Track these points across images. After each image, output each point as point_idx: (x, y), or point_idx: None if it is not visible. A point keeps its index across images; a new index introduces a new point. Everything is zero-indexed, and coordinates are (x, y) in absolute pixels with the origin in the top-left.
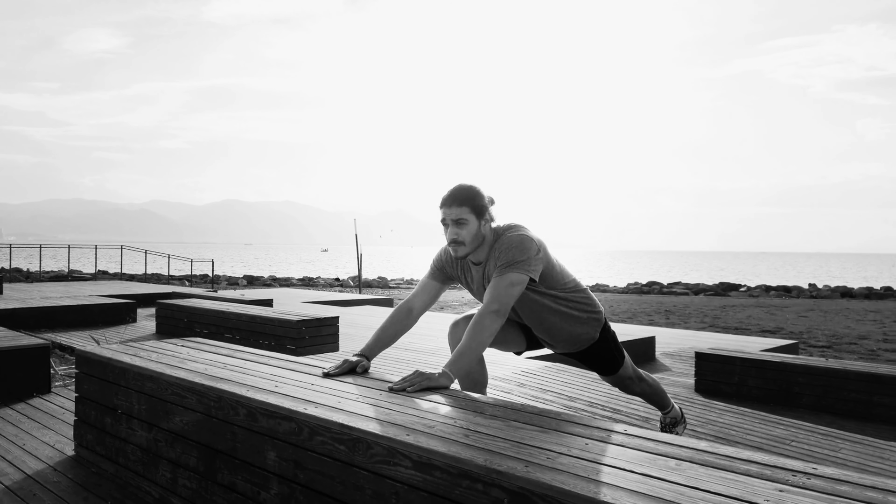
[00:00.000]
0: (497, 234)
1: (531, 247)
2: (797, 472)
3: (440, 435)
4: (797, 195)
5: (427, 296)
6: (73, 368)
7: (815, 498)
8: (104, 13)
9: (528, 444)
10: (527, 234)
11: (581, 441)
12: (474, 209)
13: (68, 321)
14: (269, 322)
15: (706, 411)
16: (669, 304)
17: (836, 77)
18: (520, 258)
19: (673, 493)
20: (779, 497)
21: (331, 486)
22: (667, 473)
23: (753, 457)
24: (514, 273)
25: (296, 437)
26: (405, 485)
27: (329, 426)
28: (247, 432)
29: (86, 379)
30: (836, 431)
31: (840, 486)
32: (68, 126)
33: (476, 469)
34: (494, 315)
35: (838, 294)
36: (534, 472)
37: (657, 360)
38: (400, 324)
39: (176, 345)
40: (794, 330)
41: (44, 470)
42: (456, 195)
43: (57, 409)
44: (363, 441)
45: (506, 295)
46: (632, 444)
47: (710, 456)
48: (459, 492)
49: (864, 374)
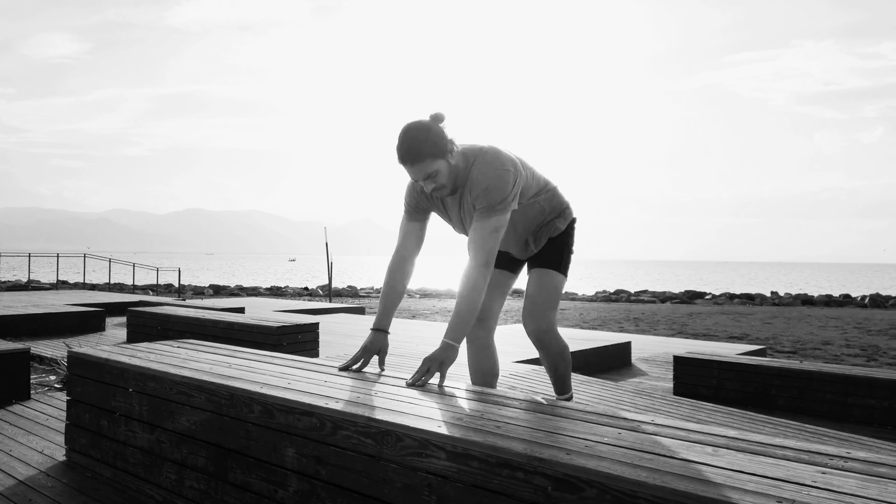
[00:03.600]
0: (467, 160)
1: (509, 181)
2: (833, 455)
3: (472, 426)
4: (761, 206)
5: (414, 238)
6: (44, 377)
7: (857, 479)
8: (63, 18)
9: (561, 433)
10: (502, 166)
11: (613, 430)
12: (437, 154)
13: (34, 330)
14: (247, 329)
15: (695, 412)
16: (637, 312)
17: (794, 91)
18: (499, 199)
19: (720, 476)
20: (824, 479)
21: (356, 481)
22: (708, 459)
23: (786, 443)
24: (496, 216)
25: (317, 433)
26: (439, 476)
27: (354, 420)
28: (262, 429)
29: (79, 381)
30: (821, 430)
31: (877, 468)
32: (25, 133)
33: (517, 458)
34: (484, 268)
35: (799, 301)
36: (576, 459)
37: (634, 365)
38: (401, 275)
39: (172, 346)
40: (759, 336)
41: (36, 475)
42: (411, 150)
43: (39, 415)
44: (392, 434)
45: (491, 242)
46: (663, 432)
47: (743, 443)
48: (499, 481)
49: (839, 376)
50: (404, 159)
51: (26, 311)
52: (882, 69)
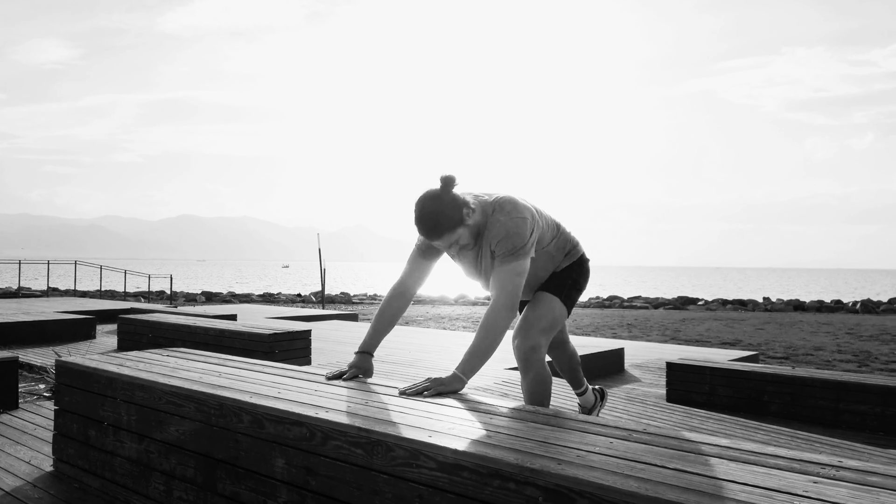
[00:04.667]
0: (485, 212)
1: (527, 228)
2: (825, 465)
3: (464, 436)
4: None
5: (419, 274)
6: (33, 385)
7: (850, 488)
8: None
9: (553, 443)
10: (519, 214)
11: (605, 440)
12: (455, 225)
13: (23, 338)
14: (238, 336)
15: (688, 419)
16: (631, 318)
17: (785, 97)
18: (518, 245)
19: (712, 486)
20: (816, 489)
21: (346, 492)
22: (699, 468)
23: (779, 451)
24: (517, 261)
25: (307, 443)
26: (430, 487)
27: (345, 430)
28: (251, 440)
29: (67, 390)
30: (814, 436)
31: (870, 476)
32: (15, 139)
33: (508, 468)
34: (507, 311)
35: (791, 307)
36: (568, 469)
37: (626, 371)
38: (396, 307)
39: (162, 354)
40: (752, 342)
41: (23, 486)
42: (430, 230)
43: (27, 424)
44: (382, 444)
45: (514, 286)
46: (656, 441)
47: (736, 452)
48: (490, 491)
49: (831, 382)
50: (428, 236)
51: (16, 319)
52: (872, 76)
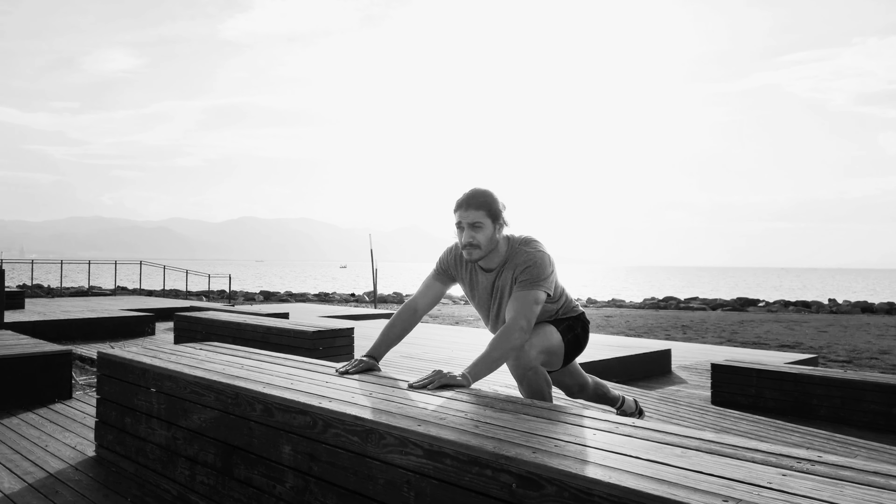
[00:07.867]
0: (511, 245)
1: (547, 263)
2: (802, 459)
3: (451, 425)
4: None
5: (431, 296)
6: (92, 378)
7: (817, 482)
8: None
9: (537, 433)
10: (544, 250)
11: (590, 432)
12: (490, 213)
13: (87, 334)
14: (284, 333)
15: (720, 420)
16: (686, 319)
17: (856, 90)
18: (543, 276)
19: (677, 476)
20: (781, 481)
21: (344, 478)
22: (673, 460)
23: (759, 446)
24: (538, 291)
25: (310, 431)
26: (417, 473)
27: (342, 418)
28: (263, 427)
29: (107, 381)
30: (853, 440)
31: (843, 471)
32: (86, 145)
33: (485, 455)
34: (522, 332)
35: (859, 309)
36: (541, 457)
37: (673, 373)
38: (405, 323)
39: (195, 348)
40: (813, 345)
41: (65, 469)
42: (473, 198)
43: (78, 413)
44: (375, 431)
45: (531, 311)
46: (640, 434)
47: (716, 445)
48: (469, 478)
49: (884, 386)
50: (462, 203)
51: (82, 316)
52: None
